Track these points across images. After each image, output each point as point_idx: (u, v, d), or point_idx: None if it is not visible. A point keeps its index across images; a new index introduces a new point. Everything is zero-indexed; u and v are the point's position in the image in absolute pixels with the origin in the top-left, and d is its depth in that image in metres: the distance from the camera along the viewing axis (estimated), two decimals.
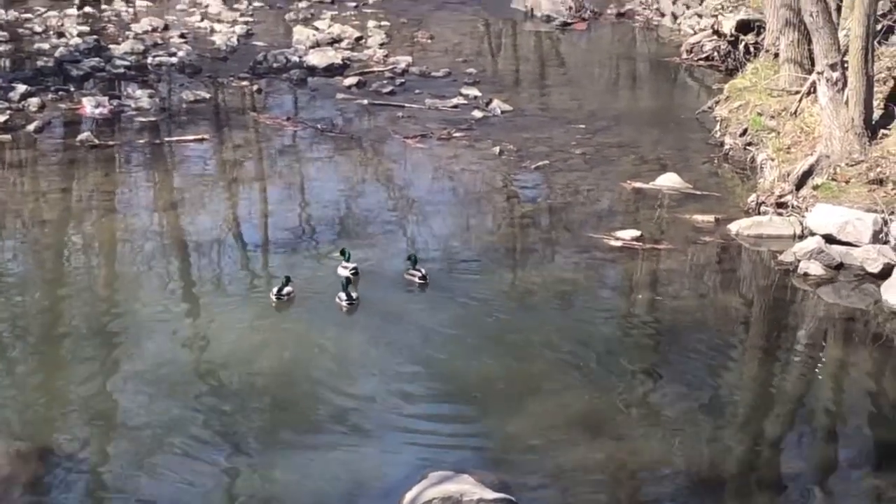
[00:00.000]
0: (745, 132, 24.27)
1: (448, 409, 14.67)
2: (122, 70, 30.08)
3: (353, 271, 17.96)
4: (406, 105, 27.70)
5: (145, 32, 34.23)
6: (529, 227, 20.95)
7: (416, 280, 18.06)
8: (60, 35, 33.50)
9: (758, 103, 24.82)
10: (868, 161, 20.69)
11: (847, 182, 20.56)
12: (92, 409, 14.39)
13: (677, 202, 21.62)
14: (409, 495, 12.58)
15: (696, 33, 33.81)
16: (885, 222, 19.11)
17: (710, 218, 20.65)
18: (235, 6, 38.52)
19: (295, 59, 31.17)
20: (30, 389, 14.88)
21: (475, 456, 13.63)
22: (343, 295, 17.22)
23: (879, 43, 23.34)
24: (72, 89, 28.19)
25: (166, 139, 25.19)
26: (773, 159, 22.40)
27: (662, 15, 37.57)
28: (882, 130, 21.24)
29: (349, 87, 29.27)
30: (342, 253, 18.37)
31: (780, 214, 20.44)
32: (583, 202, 21.87)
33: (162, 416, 14.13)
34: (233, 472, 13.21)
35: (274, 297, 17.20)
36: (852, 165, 20.76)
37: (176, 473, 13.09)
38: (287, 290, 17.22)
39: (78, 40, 32.55)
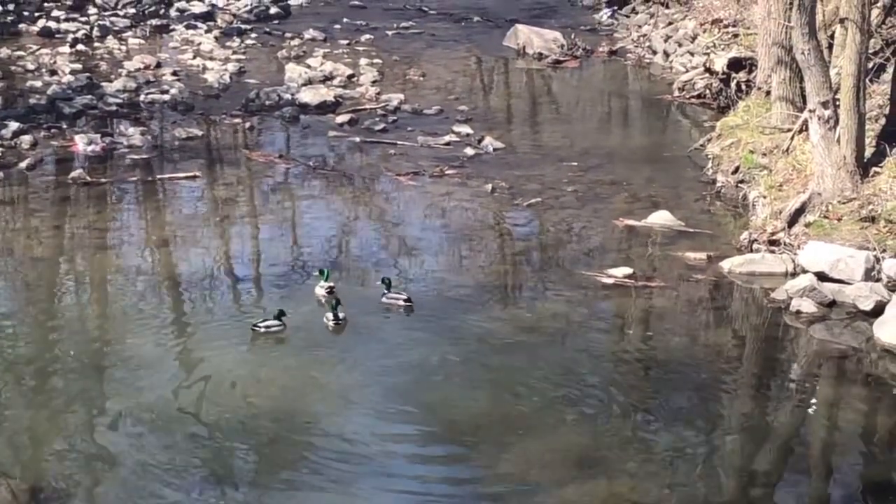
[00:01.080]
0: (737, 170, 24.26)
1: (439, 447, 14.62)
2: (114, 107, 30.02)
3: (328, 290, 18.25)
4: (398, 142, 27.68)
5: (138, 70, 34.16)
6: (521, 265, 20.95)
7: (401, 303, 18.08)
8: (53, 73, 33.44)
9: (750, 141, 24.81)
10: (860, 198, 20.71)
11: (839, 219, 20.57)
12: (84, 447, 14.36)
13: (669, 240, 21.61)
14: None
15: (687, 71, 33.81)
16: (878, 260, 19.13)
17: (703, 255, 20.64)
18: (228, 44, 38.51)
19: (287, 96, 31.16)
20: (22, 427, 14.83)
21: (467, 495, 13.57)
22: (330, 315, 17.46)
23: (871, 81, 23.41)
24: (64, 127, 28.13)
25: (158, 176, 25.18)
26: (765, 197, 22.42)
27: (654, 53, 37.58)
28: (874, 168, 21.26)
29: (341, 124, 29.25)
30: (321, 272, 18.76)
31: (773, 252, 20.44)
32: (575, 239, 21.87)
33: (151, 456, 14.11)
34: None
35: (251, 329, 17.23)
36: (844, 203, 20.78)
37: None
38: (268, 323, 17.28)
39: (70, 78, 32.51)
